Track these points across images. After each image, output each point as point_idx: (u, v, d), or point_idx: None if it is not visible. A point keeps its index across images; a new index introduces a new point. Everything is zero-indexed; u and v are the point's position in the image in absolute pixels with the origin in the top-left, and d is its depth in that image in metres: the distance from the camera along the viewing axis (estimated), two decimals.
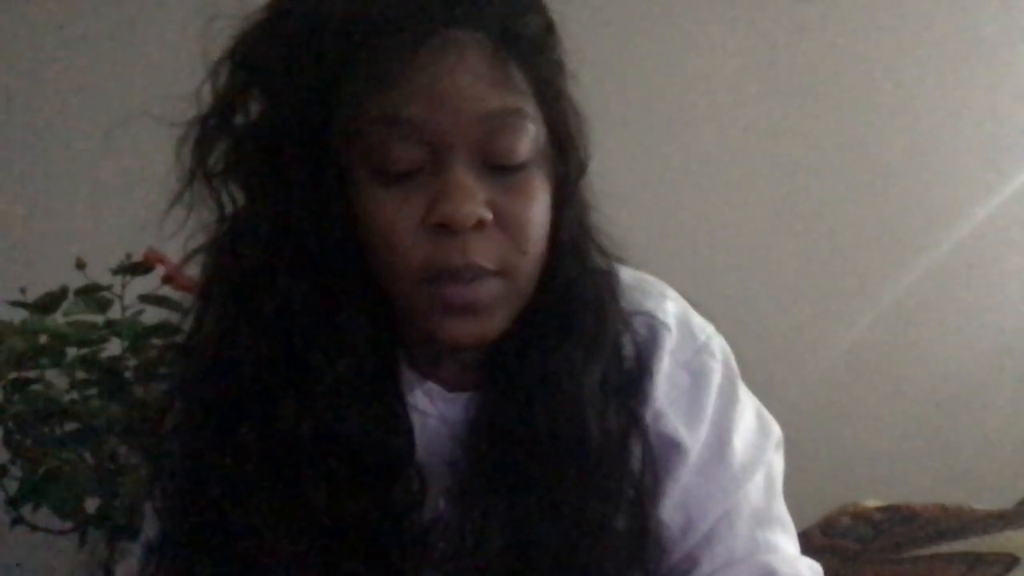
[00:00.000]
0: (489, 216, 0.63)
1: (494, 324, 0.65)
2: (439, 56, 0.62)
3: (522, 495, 0.67)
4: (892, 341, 1.95)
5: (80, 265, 1.23)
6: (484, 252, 0.63)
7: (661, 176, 1.83)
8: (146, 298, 1.23)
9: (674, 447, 0.73)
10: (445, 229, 0.62)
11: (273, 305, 0.64)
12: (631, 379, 0.72)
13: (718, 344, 0.77)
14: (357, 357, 0.65)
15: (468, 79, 0.62)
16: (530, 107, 0.65)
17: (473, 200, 0.62)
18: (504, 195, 0.64)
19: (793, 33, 1.91)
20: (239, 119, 0.67)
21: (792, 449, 0.80)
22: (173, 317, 1.17)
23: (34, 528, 1.24)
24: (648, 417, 0.72)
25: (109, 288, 1.23)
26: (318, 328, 0.65)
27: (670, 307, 0.76)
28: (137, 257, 1.23)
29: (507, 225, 0.64)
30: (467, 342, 0.65)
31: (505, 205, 0.64)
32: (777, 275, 1.91)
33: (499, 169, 0.64)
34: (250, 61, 0.66)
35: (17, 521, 1.23)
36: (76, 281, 1.24)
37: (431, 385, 0.72)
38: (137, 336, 1.22)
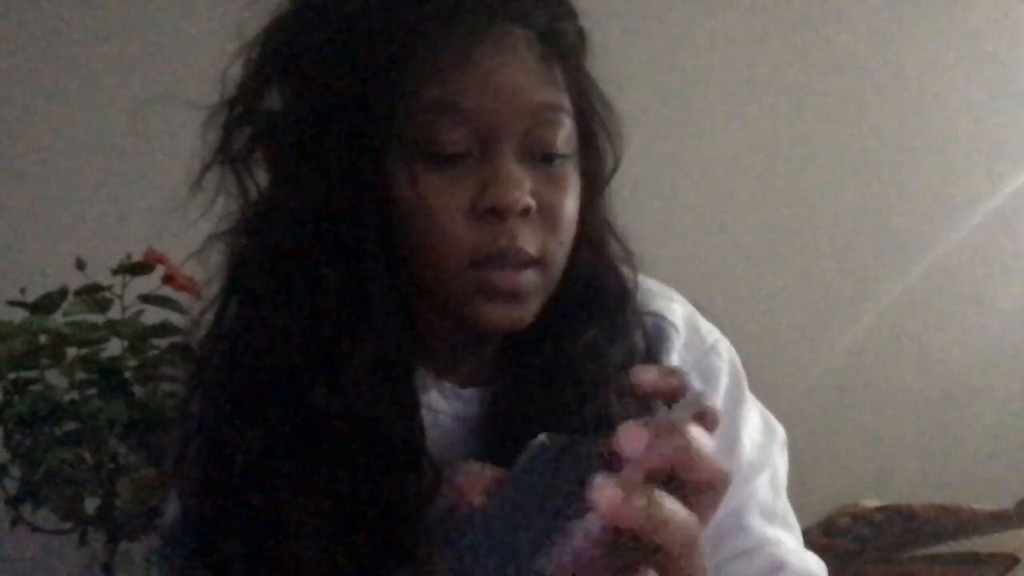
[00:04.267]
0: (535, 204, 0.65)
1: (530, 311, 0.68)
2: (496, 48, 0.64)
3: None
4: (892, 341, 1.95)
5: (80, 265, 1.23)
6: (529, 238, 0.65)
7: (659, 176, 1.82)
8: (146, 298, 1.23)
9: None
10: (494, 215, 0.64)
11: (305, 289, 0.65)
12: None
13: (724, 346, 0.78)
14: (379, 344, 0.66)
15: (521, 73, 0.65)
16: (568, 104, 0.68)
17: (522, 187, 0.64)
18: (544, 186, 0.66)
19: (792, 33, 1.91)
20: (268, 105, 0.68)
21: (792, 449, 0.80)
22: (173, 317, 1.18)
23: (34, 528, 1.24)
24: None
25: (109, 288, 1.23)
26: (344, 314, 0.65)
27: (677, 308, 0.77)
28: (137, 257, 1.23)
29: (546, 215, 0.66)
30: (504, 327, 0.67)
31: (545, 195, 0.66)
32: (777, 275, 1.91)
33: (539, 160, 0.66)
34: (286, 47, 0.67)
35: (17, 521, 1.23)
36: (76, 281, 1.24)
37: (443, 382, 0.73)
38: (137, 336, 1.22)
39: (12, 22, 1.59)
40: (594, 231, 0.72)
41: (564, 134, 0.67)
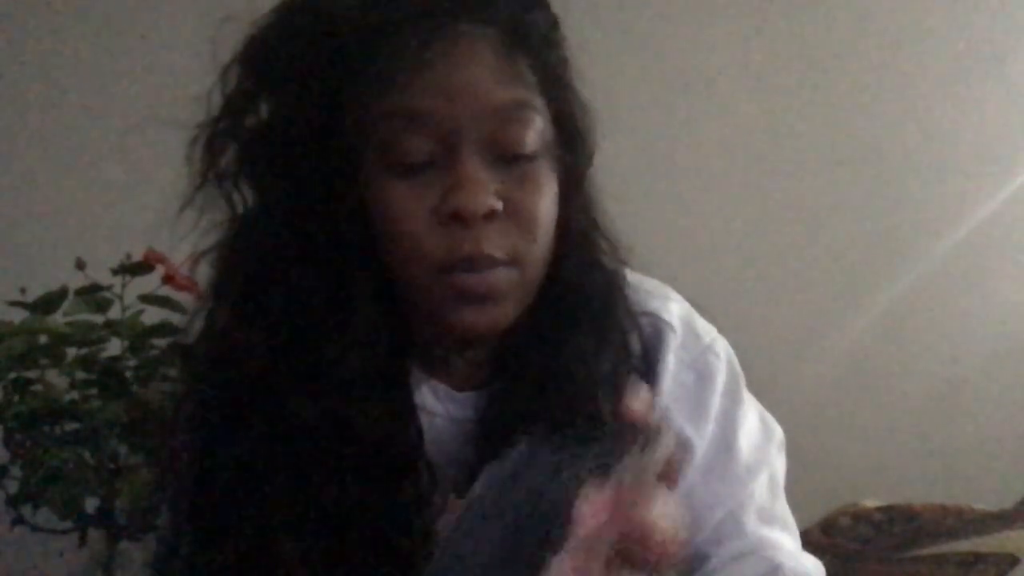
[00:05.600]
0: (499, 206, 0.64)
1: (506, 312, 0.67)
2: (450, 50, 0.63)
3: None
4: (892, 341, 1.95)
5: (80, 265, 1.23)
6: (495, 242, 0.64)
7: (659, 176, 1.83)
8: (146, 298, 1.23)
9: (680, 445, 0.73)
10: (458, 220, 0.63)
11: (285, 299, 0.65)
12: (639, 375, 0.73)
13: (722, 345, 0.78)
14: (367, 351, 0.66)
15: (478, 73, 0.64)
16: (537, 100, 0.66)
17: (484, 191, 0.64)
18: (513, 186, 0.65)
19: (793, 33, 1.91)
20: (250, 120, 0.68)
21: (792, 449, 0.80)
22: (173, 317, 1.18)
23: (34, 528, 1.24)
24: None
25: (109, 288, 1.23)
26: (330, 322, 0.65)
27: (674, 308, 0.77)
28: (137, 257, 1.23)
29: (517, 215, 0.65)
30: (481, 330, 0.66)
31: (515, 196, 0.65)
32: (777, 276, 1.91)
33: (508, 161, 0.65)
34: (261, 62, 0.67)
35: (17, 521, 1.23)
36: (76, 281, 1.24)
37: (438, 384, 0.72)
38: (137, 336, 1.22)
39: (13, 24, 1.59)
40: (577, 229, 0.71)
41: (533, 132, 0.65)
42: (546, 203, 0.67)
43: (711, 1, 1.88)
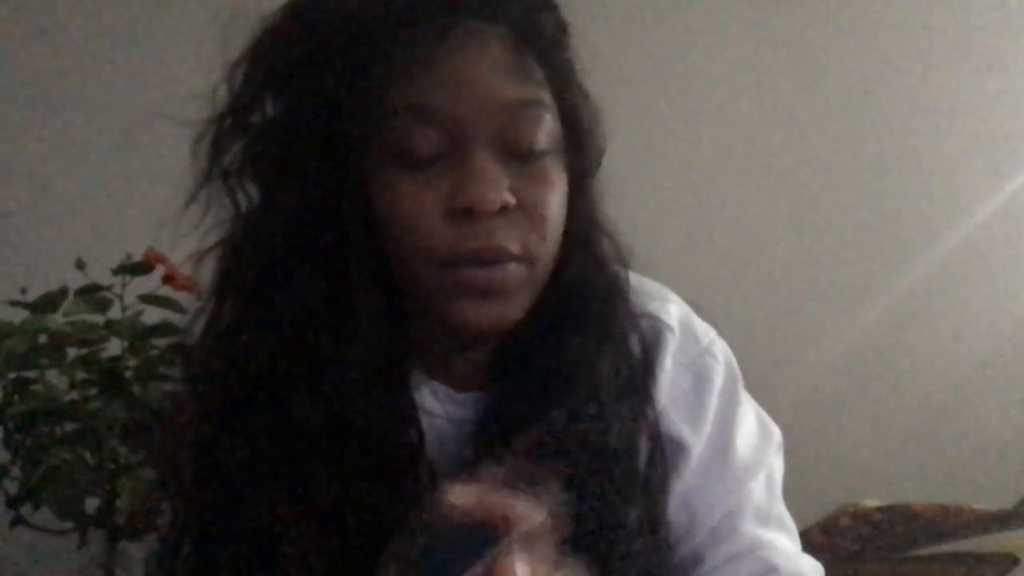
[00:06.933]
0: (513, 201, 0.64)
1: (513, 309, 0.67)
2: (462, 46, 0.63)
3: None
4: (892, 341, 1.95)
5: (80, 265, 1.23)
6: (507, 235, 0.64)
7: (659, 176, 1.83)
8: (146, 298, 1.23)
9: (677, 447, 0.74)
10: (469, 214, 0.63)
11: (288, 298, 0.65)
12: (638, 377, 0.73)
13: (720, 347, 0.78)
14: (368, 351, 0.66)
15: (490, 69, 0.64)
16: (547, 99, 0.67)
17: (497, 185, 0.64)
18: (523, 183, 0.65)
19: (793, 33, 1.91)
20: (256, 118, 0.68)
21: (792, 449, 0.80)
22: (173, 317, 1.19)
23: (34, 528, 1.24)
24: (652, 416, 0.73)
25: (109, 288, 1.23)
26: (332, 321, 0.65)
27: (673, 310, 0.77)
28: (137, 257, 1.23)
29: (527, 211, 0.65)
30: (487, 326, 0.66)
31: (525, 192, 0.65)
32: (777, 275, 1.91)
33: (518, 158, 0.65)
34: (269, 59, 0.67)
35: (17, 521, 1.23)
36: (76, 281, 1.24)
37: (438, 386, 0.72)
38: (137, 336, 1.22)
39: (14, 25, 1.59)
40: (582, 229, 0.71)
41: (544, 130, 0.66)
42: (556, 200, 0.67)
43: (711, 1, 1.88)
